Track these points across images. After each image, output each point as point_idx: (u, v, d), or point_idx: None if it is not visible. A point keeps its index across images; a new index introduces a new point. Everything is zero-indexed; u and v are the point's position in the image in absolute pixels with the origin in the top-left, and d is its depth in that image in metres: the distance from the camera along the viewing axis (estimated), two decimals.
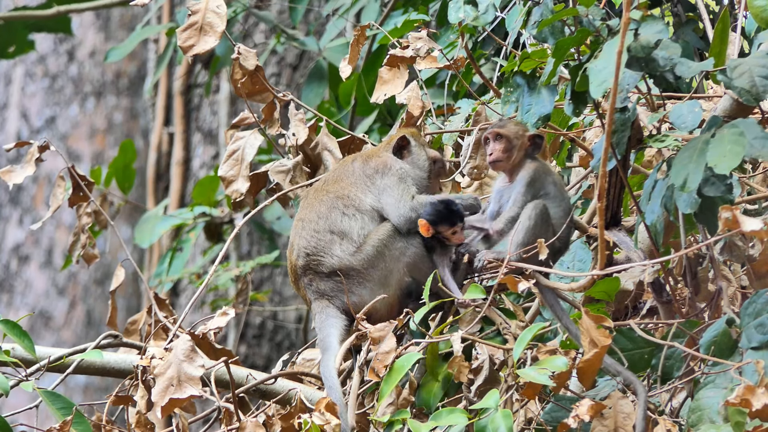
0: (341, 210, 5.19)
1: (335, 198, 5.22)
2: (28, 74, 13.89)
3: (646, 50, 4.67)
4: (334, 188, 5.26)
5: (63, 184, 5.96)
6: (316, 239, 5.17)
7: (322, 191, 5.27)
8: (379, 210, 5.21)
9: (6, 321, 5.05)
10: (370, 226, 5.18)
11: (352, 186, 5.24)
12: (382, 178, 5.24)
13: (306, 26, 11.54)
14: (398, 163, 5.30)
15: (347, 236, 5.16)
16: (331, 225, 5.17)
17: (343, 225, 5.17)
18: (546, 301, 5.02)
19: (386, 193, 5.21)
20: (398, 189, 5.20)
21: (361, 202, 5.21)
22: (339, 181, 5.28)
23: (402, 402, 4.86)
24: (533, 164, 5.18)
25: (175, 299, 11.74)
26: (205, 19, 5.47)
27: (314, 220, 5.20)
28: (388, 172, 5.25)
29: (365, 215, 5.20)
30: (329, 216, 5.19)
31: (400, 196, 5.19)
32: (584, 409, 4.52)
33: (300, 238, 5.20)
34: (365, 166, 5.29)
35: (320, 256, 5.16)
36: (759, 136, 4.55)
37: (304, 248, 5.18)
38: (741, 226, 4.27)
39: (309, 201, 5.28)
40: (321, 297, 5.17)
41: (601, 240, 4.67)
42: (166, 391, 4.95)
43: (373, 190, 5.23)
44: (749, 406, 4.37)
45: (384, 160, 5.30)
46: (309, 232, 5.19)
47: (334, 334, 5.12)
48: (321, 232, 5.18)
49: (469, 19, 5.56)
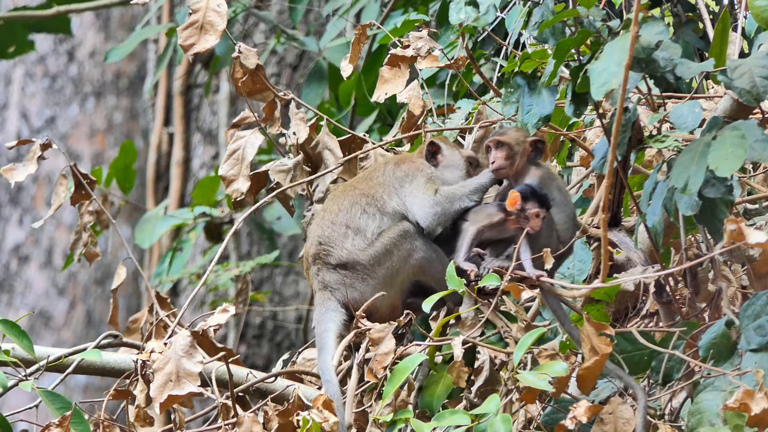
0: (362, 207, 5.22)
1: (360, 195, 5.25)
2: (28, 74, 13.89)
3: (646, 51, 4.67)
4: (361, 186, 5.29)
5: (65, 183, 5.96)
6: (331, 230, 5.20)
7: (350, 187, 5.32)
8: (403, 213, 5.21)
9: (5, 321, 5.05)
10: (387, 226, 5.20)
11: (380, 186, 5.26)
12: (411, 182, 5.25)
13: (306, 26, 11.54)
14: (429, 169, 5.30)
15: (361, 233, 5.18)
16: (349, 220, 5.20)
17: (361, 222, 5.19)
18: (548, 304, 5.01)
19: (412, 195, 5.22)
20: (423, 188, 5.21)
21: (384, 204, 5.22)
22: (368, 180, 5.31)
23: (400, 403, 4.86)
24: (538, 171, 5.17)
25: (175, 299, 11.74)
26: (205, 18, 5.47)
27: (335, 211, 5.24)
28: (417, 176, 5.26)
29: (385, 216, 5.21)
30: (350, 210, 5.22)
31: (423, 194, 5.19)
32: (581, 410, 4.52)
33: (317, 227, 5.25)
34: (396, 170, 5.30)
35: (331, 247, 5.18)
36: (760, 139, 4.55)
37: (318, 237, 5.22)
38: (746, 238, 4.28)
39: (336, 194, 5.33)
40: (324, 288, 5.19)
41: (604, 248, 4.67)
42: (165, 386, 4.96)
43: (400, 193, 5.24)
44: (748, 410, 4.37)
45: (416, 165, 5.31)
46: (327, 222, 5.23)
47: (332, 330, 5.13)
48: (337, 225, 5.21)
49: (470, 20, 5.56)
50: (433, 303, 4.89)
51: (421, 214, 5.19)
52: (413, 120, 5.78)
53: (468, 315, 4.96)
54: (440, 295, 4.93)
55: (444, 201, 5.16)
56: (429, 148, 5.36)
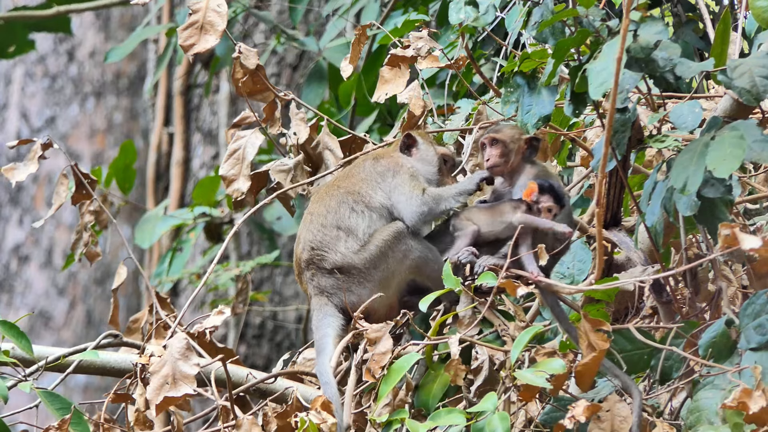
0: (350, 206, 5.21)
1: (345, 193, 5.24)
2: (28, 74, 13.89)
3: (645, 51, 4.67)
4: (344, 184, 5.28)
5: (66, 183, 5.96)
6: (322, 234, 5.19)
7: (333, 186, 5.30)
8: (389, 208, 5.22)
9: (4, 322, 5.05)
10: (378, 225, 5.19)
11: (363, 182, 5.25)
12: (393, 177, 5.25)
13: (306, 26, 11.54)
14: (408, 162, 5.30)
15: (353, 233, 5.17)
16: (339, 220, 5.19)
17: (351, 221, 5.18)
18: (546, 302, 5.02)
19: (397, 191, 5.22)
20: (409, 186, 5.20)
21: (371, 199, 5.22)
22: (350, 178, 5.30)
23: (398, 403, 4.86)
24: (533, 169, 5.17)
25: (175, 299, 11.74)
26: (206, 18, 5.47)
27: (323, 214, 5.22)
28: (399, 171, 5.26)
29: (374, 212, 5.20)
30: (338, 211, 5.20)
31: (410, 192, 5.19)
32: (580, 410, 4.53)
33: (307, 232, 5.22)
34: (376, 165, 5.30)
35: (324, 251, 5.17)
36: (759, 139, 4.56)
37: (309, 242, 5.20)
38: (741, 244, 4.30)
39: (320, 195, 5.30)
40: (321, 293, 5.18)
41: (599, 244, 4.67)
42: (161, 389, 4.95)
43: (383, 187, 5.24)
44: (746, 409, 4.37)
45: (395, 159, 5.31)
46: (316, 226, 5.21)
47: (330, 335, 5.12)
48: (328, 227, 5.19)
49: (470, 20, 5.57)
50: (429, 302, 4.90)
51: (408, 213, 5.19)
52: (414, 120, 5.79)
53: (465, 313, 4.96)
54: (437, 294, 4.93)
55: (431, 201, 5.17)
56: (405, 139, 5.36)
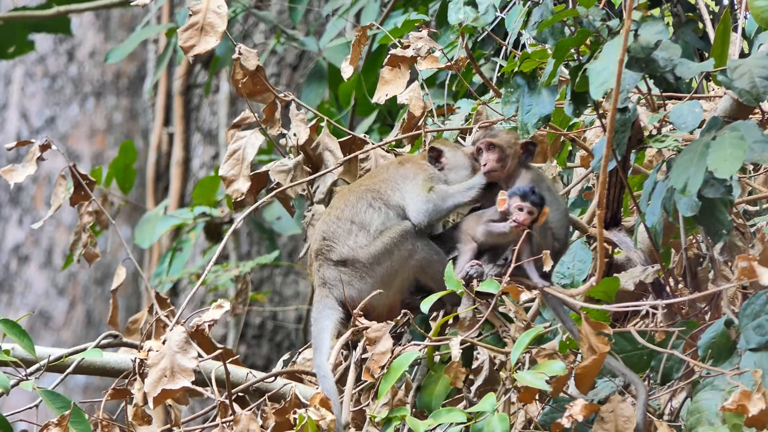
0: (369, 201, 5.24)
1: (366, 190, 5.28)
2: (28, 74, 13.89)
3: (646, 51, 4.68)
4: (366, 183, 5.33)
5: (64, 183, 5.96)
6: (336, 225, 5.22)
7: (356, 185, 5.36)
8: (404, 208, 5.24)
9: (5, 321, 5.05)
10: (392, 223, 5.20)
11: (384, 183, 5.29)
12: (411, 180, 5.27)
13: (306, 26, 11.54)
14: (432, 169, 5.32)
15: (365, 228, 5.19)
16: (355, 215, 5.22)
17: (366, 216, 5.21)
18: (549, 303, 5.02)
19: (410, 192, 5.24)
20: (420, 186, 5.23)
21: (389, 198, 5.25)
22: (373, 177, 5.35)
23: (397, 402, 4.86)
24: (528, 174, 5.18)
25: (174, 299, 11.74)
26: (206, 19, 5.48)
27: (341, 208, 5.26)
28: (418, 175, 5.28)
29: (391, 210, 5.23)
30: (356, 205, 5.24)
31: (419, 190, 5.22)
32: (577, 409, 4.53)
33: (323, 223, 5.27)
34: (400, 168, 5.34)
35: (333, 243, 5.19)
36: (759, 140, 4.55)
37: (322, 232, 5.24)
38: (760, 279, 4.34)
39: (342, 193, 5.35)
40: (323, 285, 5.20)
41: (600, 246, 4.67)
42: (159, 381, 4.95)
43: (402, 189, 5.27)
44: (745, 411, 4.37)
45: (420, 165, 5.33)
46: (332, 218, 5.25)
47: (329, 327, 5.12)
48: (342, 220, 5.22)
49: (469, 20, 5.57)
50: (431, 303, 4.90)
51: (413, 210, 5.21)
52: (414, 121, 5.79)
53: (466, 315, 4.96)
54: (439, 295, 4.93)
55: (437, 198, 5.18)
56: (431, 153, 5.37)
